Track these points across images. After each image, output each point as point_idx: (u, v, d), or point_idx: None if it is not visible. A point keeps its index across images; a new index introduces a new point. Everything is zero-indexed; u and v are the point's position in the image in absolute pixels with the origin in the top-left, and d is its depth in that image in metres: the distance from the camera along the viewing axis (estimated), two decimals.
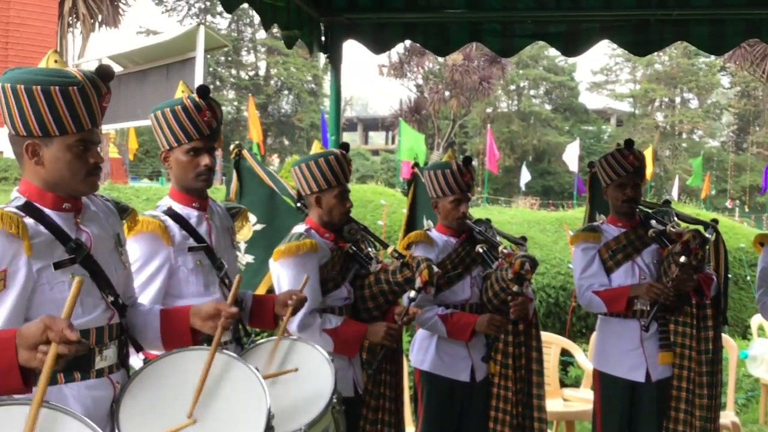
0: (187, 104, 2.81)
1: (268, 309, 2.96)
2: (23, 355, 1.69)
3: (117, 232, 2.43)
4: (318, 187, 3.50)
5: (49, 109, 2.09)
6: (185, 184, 2.91)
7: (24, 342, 1.69)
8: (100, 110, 2.20)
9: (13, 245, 2.06)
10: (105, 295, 2.27)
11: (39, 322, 1.69)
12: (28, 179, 2.22)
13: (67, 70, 2.16)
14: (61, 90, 2.09)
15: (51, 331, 1.65)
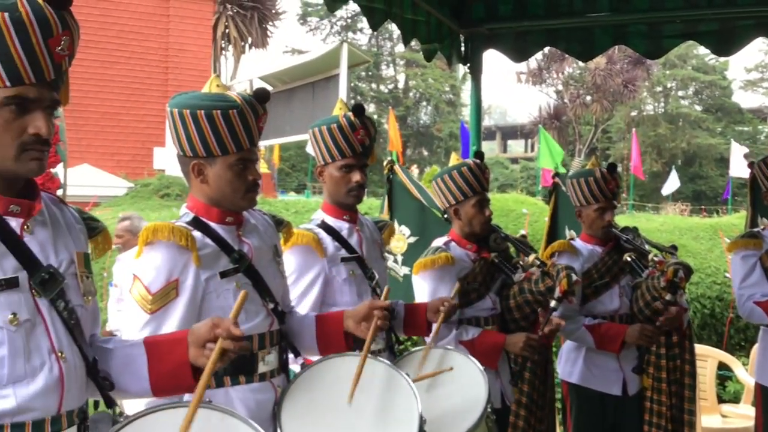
0: (342, 123, 2.91)
1: (421, 316, 3.01)
2: (193, 353, 1.81)
3: (275, 244, 2.58)
4: (455, 198, 3.53)
5: (212, 132, 2.25)
6: (337, 199, 3.02)
7: (194, 339, 1.81)
8: (258, 130, 2.34)
9: (184, 256, 2.23)
10: (266, 303, 2.41)
11: (208, 321, 1.80)
12: (195, 196, 2.40)
13: (228, 94, 2.31)
14: (222, 113, 2.24)
15: (218, 328, 1.75)
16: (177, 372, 1.83)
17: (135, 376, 1.86)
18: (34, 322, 1.62)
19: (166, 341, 1.90)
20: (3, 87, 1.56)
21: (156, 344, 1.89)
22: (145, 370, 1.86)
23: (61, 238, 1.75)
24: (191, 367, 1.82)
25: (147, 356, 1.87)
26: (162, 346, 1.88)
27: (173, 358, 1.83)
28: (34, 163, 1.61)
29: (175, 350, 1.83)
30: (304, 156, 32.61)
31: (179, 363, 1.82)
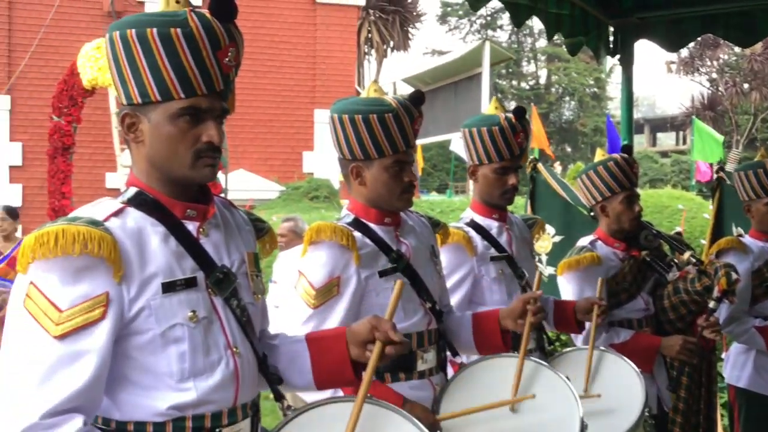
0: (504, 125, 2.90)
1: (570, 313, 2.96)
2: (353, 351, 1.86)
3: (431, 244, 2.63)
4: (601, 195, 3.42)
5: (369, 135, 2.33)
6: (489, 200, 3.02)
7: (353, 338, 1.86)
8: (413, 132, 2.40)
9: (345, 255, 2.32)
10: (423, 302, 2.46)
11: (366, 321, 1.85)
12: (355, 198, 2.49)
13: (384, 99, 2.38)
14: (378, 117, 2.32)
15: (377, 331, 1.80)
16: (338, 368, 1.89)
17: (299, 371, 1.94)
18: (210, 319, 1.72)
19: (326, 338, 1.96)
20: (178, 99, 1.64)
21: (317, 341, 1.96)
22: (308, 365, 1.93)
23: (232, 239, 1.85)
24: (351, 363, 1.88)
25: (309, 352, 1.94)
26: (323, 342, 1.94)
27: (334, 354, 1.89)
28: (207, 170, 1.70)
29: (336, 347, 1.89)
30: (446, 156, 32.68)
31: (340, 360, 1.88)
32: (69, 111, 9.65)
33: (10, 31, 13.22)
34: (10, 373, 1.53)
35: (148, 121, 1.67)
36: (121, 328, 1.61)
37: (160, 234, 1.68)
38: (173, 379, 1.64)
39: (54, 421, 1.50)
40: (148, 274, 1.63)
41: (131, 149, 1.75)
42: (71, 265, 1.56)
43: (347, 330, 1.90)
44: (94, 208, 1.69)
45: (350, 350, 1.87)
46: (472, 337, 2.58)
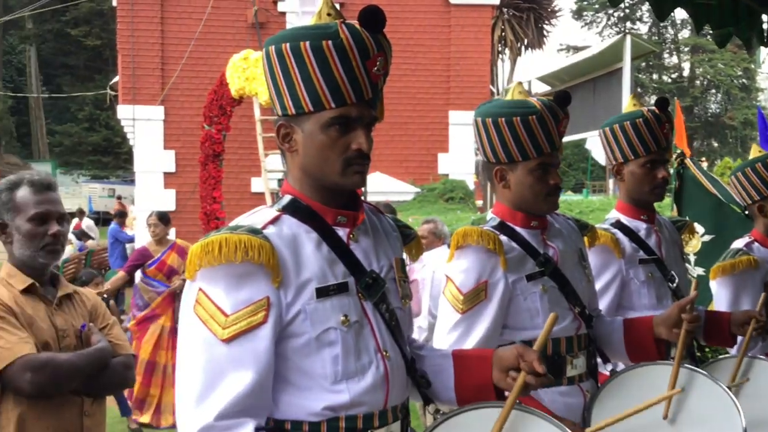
0: (648, 117, 2.81)
1: (724, 327, 2.81)
2: (496, 375, 1.86)
3: (580, 248, 2.58)
4: (759, 194, 3.25)
5: (513, 138, 2.32)
6: (638, 197, 2.91)
7: (498, 363, 1.85)
8: (558, 134, 2.36)
9: (492, 260, 2.33)
10: (572, 306, 2.42)
11: (514, 348, 1.84)
12: (500, 201, 2.49)
13: (528, 100, 2.36)
14: (522, 120, 2.30)
15: (523, 360, 1.78)
16: (480, 389, 1.89)
17: (443, 386, 1.95)
18: (362, 323, 1.76)
19: (472, 357, 1.97)
20: (329, 108, 1.69)
21: (462, 359, 1.97)
22: (451, 381, 1.94)
23: (380, 245, 1.89)
24: (494, 387, 1.87)
25: (454, 369, 1.95)
26: (468, 361, 1.95)
27: (477, 375, 1.90)
28: (357, 177, 1.74)
29: (480, 368, 1.89)
30: (581, 154, 31.82)
31: (483, 382, 1.88)
32: (219, 120, 10.16)
33: (163, 45, 14.07)
34: (187, 374, 1.65)
35: (301, 131, 1.73)
36: (280, 331, 1.68)
37: (313, 240, 1.74)
38: (327, 380, 1.70)
39: (228, 423, 1.59)
40: (303, 279, 1.70)
41: (286, 158, 1.81)
42: (234, 271, 1.64)
43: (494, 353, 1.89)
44: (253, 216, 1.77)
45: (493, 374, 1.86)
46: (623, 344, 2.51)
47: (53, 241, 2.57)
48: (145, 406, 6.92)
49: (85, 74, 42.38)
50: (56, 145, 41.96)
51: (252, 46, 11.50)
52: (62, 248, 2.65)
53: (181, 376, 1.66)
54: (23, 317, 2.49)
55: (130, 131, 14.08)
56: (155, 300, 6.92)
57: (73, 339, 2.60)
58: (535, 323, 2.34)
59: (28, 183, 2.59)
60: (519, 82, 2.56)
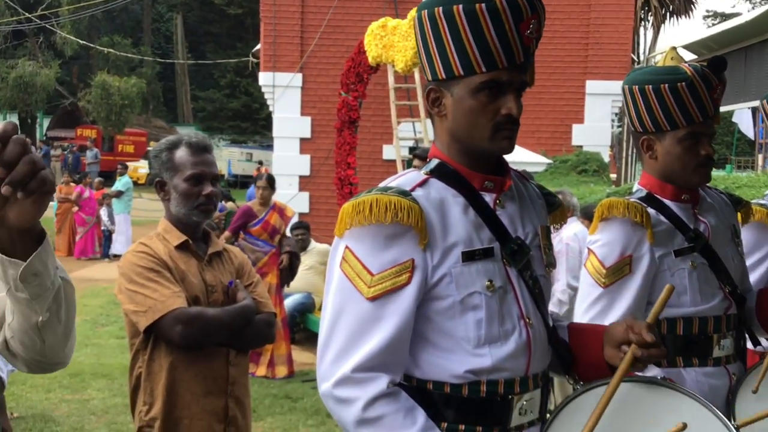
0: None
1: None
2: (608, 352, 1.80)
3: (732, 224, 2.47)
4: None
5: (660, 106, 2.24)
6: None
7: (609, 338, 1.80)
8: (712, 102, 2.23)
9: (638, 233, 2.26)
10: (722, 285, 2.32)
11: (623, 322, 1.79)
12: (648, 172, 2.40)
13: (679, 67, 2.26)
14: (670, 87, 2.21)
15: (632, 332, 1.72)
16: (595, 366, 1.84)
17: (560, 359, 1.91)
18: (506, 289, 1.76)
19: (586, 331, 1.92)
20: (479, 73, 1.67)
21: (578, 332, 1.93)
22: None
23: (526, 212, 1.87)
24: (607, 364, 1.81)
25: (570, 343, 1.91)
26: (582, 335, 1.90)
27: (591, 351, 1.85)
28: (505, 142, 1.73)
29: (593, 344, 1.85)
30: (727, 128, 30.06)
31: (596, 358, 1.83)
32: (355, 87, 10.30)
33: (303, 14, 14.37)
34: (331, 328, 1.71)
35: (451, 96, 1.72)
36: (425, 292, 1.70)
37: (460, 204, 1.74)
38: (470, 344, 1.71)
39: (364, 376, 1.65)
40: (449, 242, 1.71)
41: (435, 123, 1.81)
42: (383, 232, 1.67)
43: (606, 329, 1.84)
44: (401, 179, 1.79)
45: (605, 351, 1.81)
46: (755, 315, 2.39)
47: (207, 201, 2.72)
48: (261, 360, 7.33)
49: (227, 42, 44.08)
50: (199, 110, 44.02)
51: (389, 14, 11.54)
52: (215, 208, 2.80)
53: (325, 329, 1.72)
54: (176, 272, 2.66)
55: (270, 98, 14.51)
56: (262, 259, 7.25)
57: (221, 294, 2.75)
58: (682, 301, 2.26)
59: (186, 144, 2.74)
60: (673, 47, 2.44)
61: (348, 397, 1.64)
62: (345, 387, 1.65)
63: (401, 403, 1.66)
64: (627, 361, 1.70)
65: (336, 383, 1.66)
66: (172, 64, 42.19)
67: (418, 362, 1.74)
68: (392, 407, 1.64)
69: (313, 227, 9.70)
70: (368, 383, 1.64)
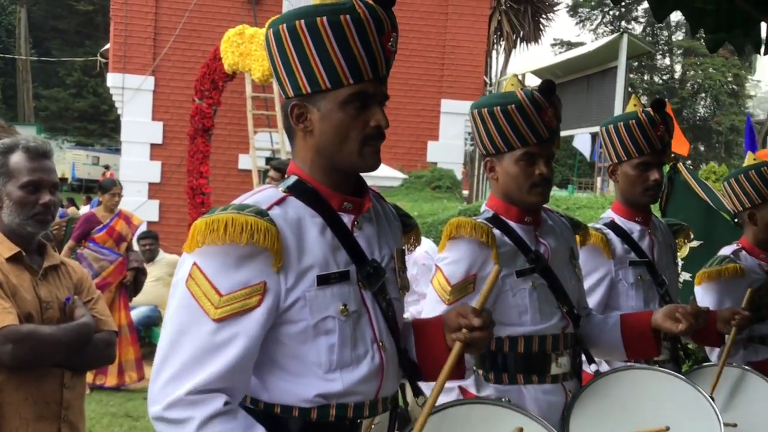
0: (642, 119, 2.79)
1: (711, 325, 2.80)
2: (448, 339, 1.81)
3: (571, 246, 2.57)
4: (751, 202, 3.25)
5: (496, 129, 2.34)
6: (631, 198, 2.90)
7: (446, 327, 1.83)
8: (545, 124, 2.31)
9: (483, 252, 2.31)
10: (560, 305, 2.41)
11: (455, 309, 1.83)
12: (494, 194, 2.47)
13: (512, 92, 2.35)
14: (502, 110, 2.31)
15: (461, 318, 1.76)
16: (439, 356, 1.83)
17: None
18: (360, 312, 1.74)
19: (428, 324, 1.94)
20: (347, 85, 1.65)
21: (421, 327, 1.95)
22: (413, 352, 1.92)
23: (383, 234, 1.86)
24: None
25: (415, 339, 1.93)
26: (425, 329, 1.92)
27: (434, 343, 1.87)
28: (373, 158, 1.71)
29: (435, 335, 1.88)
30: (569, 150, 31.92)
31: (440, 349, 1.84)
32: (210, 94, 10.07)
33: (157, 15, 13.90)
34: (169, 347, 1.62)
35: (317, 110, 1.68)
36: (276, 316, 1.65)
37: (318, 225, 1.71)
38: (321, 369, 1.68)
39: (197, 398, 1.57)
40: (305, 265, 1.67)
41: (295, 139, 1.76)
42: (236, 252, 1.61)
43: (443, 317, 1.87)
44: (258, 195, 1.74)
45: (446, 338, 1.84)
46: (621, 338, 2.49)
47: (44, 211, 2.52)
48: (109, 369, 7.01)
49: (75, 39, 41.88)
50: (42, 109, 41.48)
51: (247, 21, 11.41)
52: (52, 218, 2.61)
53: (164, 348, 1.63)
54: (7, 286, 2.44)
55: (119, 100, 13.93)
56: (107, 269, 7.01)
57: (57, 311, 2.55)
58: (522, 320, 2.34)
59: (24, 149, 2.53)
60: (514, 74, 2.54)
61: (181, 417, 1.57)
62: (177, 409, 1.57)
63: (239, 421, 1.60)
64: (457, 347, 1.72)
65: (167, 406, 1.57)
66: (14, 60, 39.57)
67: (267, 385, 1.70)
68: (229, 426, 1.58)
69: (163, 237, 9.36)
70: (203, 403, 1.57)
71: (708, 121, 46.70)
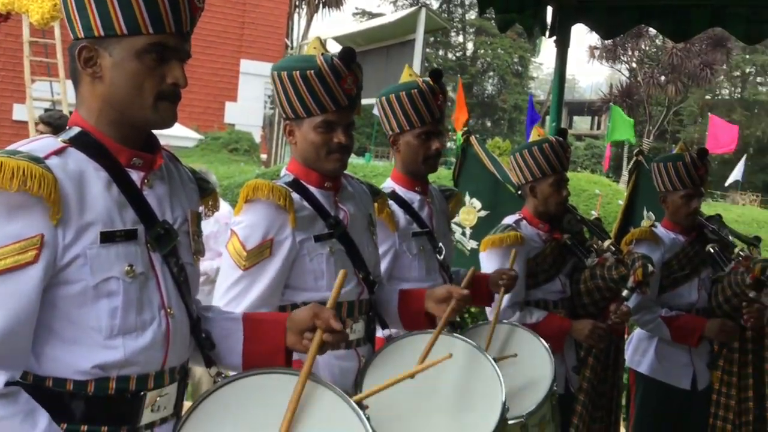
0: (423, 88, 2.80)
1: (483, 286, 2.96)
2: (291, 339, 1.81)
3: (370, 213, 2.57)
4: (533, 175, 3.42)
5: (295, 93, 2.27)
6: (413, 168, 2.93)
7: (293, 326, 1.81)
8: (344, 92, 2.27)
9: (281, 217, 2.24)
10: (357, 271, 2.40)
11: (308, 309, 1.80)
12: (295, 158, 2.41)
13: (312, 56, 2.29)
14: (301, 75, 2.25)
15: (318, 319, 1.75)
16: (271, 355, 1.83)
17: (228, 350, 1.86)
18: (147, 276, 1.63)
19: (265, 321, 1.89)
20: (147, 34, 1.56)
21: (254, 322, 1.89)
22: (240, 346, 1.86)
23: (176, 195, 1.75)
24: (285, 351, 1.82)
25: (244, 333, 1.87)
26: (260, 325, 1.87)
27: (270, 340, 1.84)
28: (168, 113, 1.62)
29: (273, 333, 1.84)
30: (368, 119, 32.59)
31: (275, 347, 1.83)
32: None
33: None
34: None
35: (109, 56, 1.57)
36: (52, 275, 1.50)
37: (102, 180, 1.57)
38: (101, 334, 1.55)
39: None
40: (86, 220, 1.53)
41: (81, 86, 1.62)
42: (7, 201, 1.45)
43: (288, 317, 1.84)
44: (34, 144, 1.57)
45: (287, 337, 1.81)
46: (398, 314, 2.56)
47: None
48: None
49: None
50: None
51: None
52: None
53: None
54: None
55: None
56: None
57: None
58: (318, 285, 2.30)
59: None
60: (317, 37, 2.47)
61: None
62: None
63: (20, 406, 1.45)
64: (315, 345, 1.71)
65: None
66: None
67: (38, 356, 1.54)
68: (8, 410, 1.43)
69: None
70: None
71: (495, 99, 49.71)
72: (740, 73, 47.05)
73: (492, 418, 2.15)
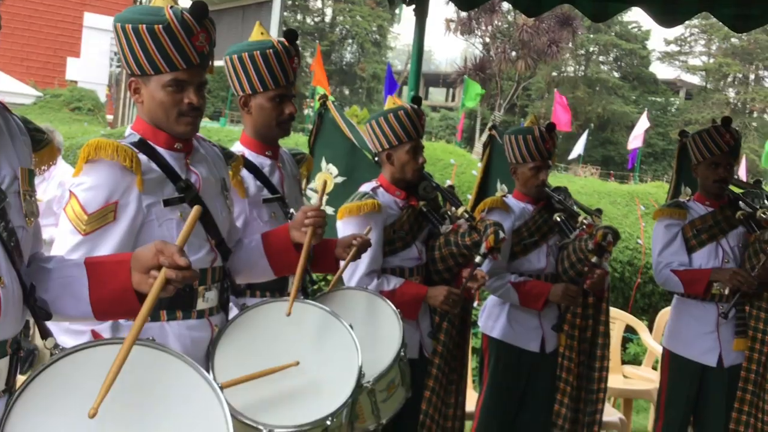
0: (279, 49, 2.70)
1: (330, 252, 2.88)
2: (136, 278, 1.67)
3: (223, 177, 2.45)
4: (389, 143, 3.41)
5: (141, 48, 2.11)
6: (265, 132, 2.84)
7: (137, 265, 1.67)
8: (196, 49, 2.14)
9: (126, 179, 2.09)
10: (210, 237, 2.29)
11: (152, 246, 1.65)
12: (141, 117, 2.25)
13: (161, 8, 2.13)
14: (148, 28, 2.09)
15: (162, 255, 1.61)
16: (120, 297, 1.70)
17: (75, 298, 1.72)
18: None
19: (108, 263, 1.75)
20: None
21: (97, 265, 1.75)
22: (85, 292, 1.72)
23: (3, 151, 1.58)
24: (135, 292, 1.69)
25: (88, 278, 1.72)
26: (104, 267, 1.73)
27: (116, 282, 1.70)
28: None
29: (118, 274, 1.70)
30: (223, 82, 31.68)
31: (122, 288, 1.69)
32: None
33: None
34: None
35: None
36: None
37: None
38: None
39: None
40: None
41: None
42: None
43: (132, 255, 1.70)
44: None
45: (133, 277, 1.67)
46: (266, 258, 2.48)
47: None
48: None
49: None
50: None
51: None
52: None
53: None
54: None
55: None
56: None
57: None
58: None
59: None
60: None
61: None
62: None
63: None
64: (159, 283, 1.58)
65: None
66: None
67: None
68: None
69: None
70: None
71: (353, 67, 49.75)
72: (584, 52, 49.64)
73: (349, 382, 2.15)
